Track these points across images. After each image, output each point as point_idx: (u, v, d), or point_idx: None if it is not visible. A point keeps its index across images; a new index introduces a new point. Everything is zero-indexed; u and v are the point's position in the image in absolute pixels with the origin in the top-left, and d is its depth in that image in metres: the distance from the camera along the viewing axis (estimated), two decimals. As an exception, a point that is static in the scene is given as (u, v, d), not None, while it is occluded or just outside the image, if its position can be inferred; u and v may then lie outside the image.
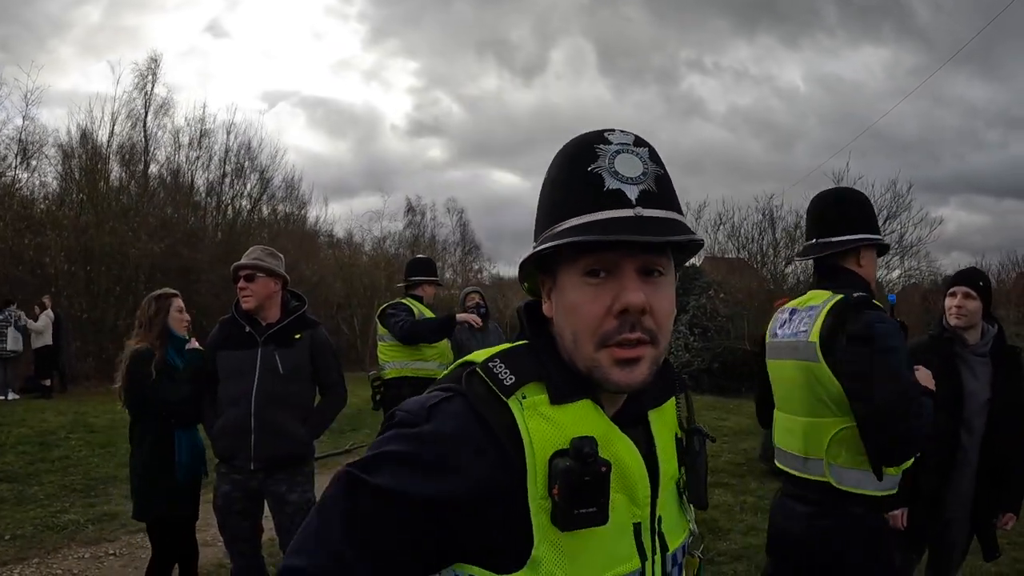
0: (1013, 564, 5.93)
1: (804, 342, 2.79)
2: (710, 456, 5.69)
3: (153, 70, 26.69)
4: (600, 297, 1.09)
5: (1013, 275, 25.08)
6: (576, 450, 1.03)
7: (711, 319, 20.98)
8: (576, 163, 1.13)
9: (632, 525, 1.13)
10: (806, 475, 2.82)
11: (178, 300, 4.45)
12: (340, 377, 4.35)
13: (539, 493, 1.05)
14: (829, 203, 2.98)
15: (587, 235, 1.05)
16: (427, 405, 1.11)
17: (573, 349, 1.12)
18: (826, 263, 2.94)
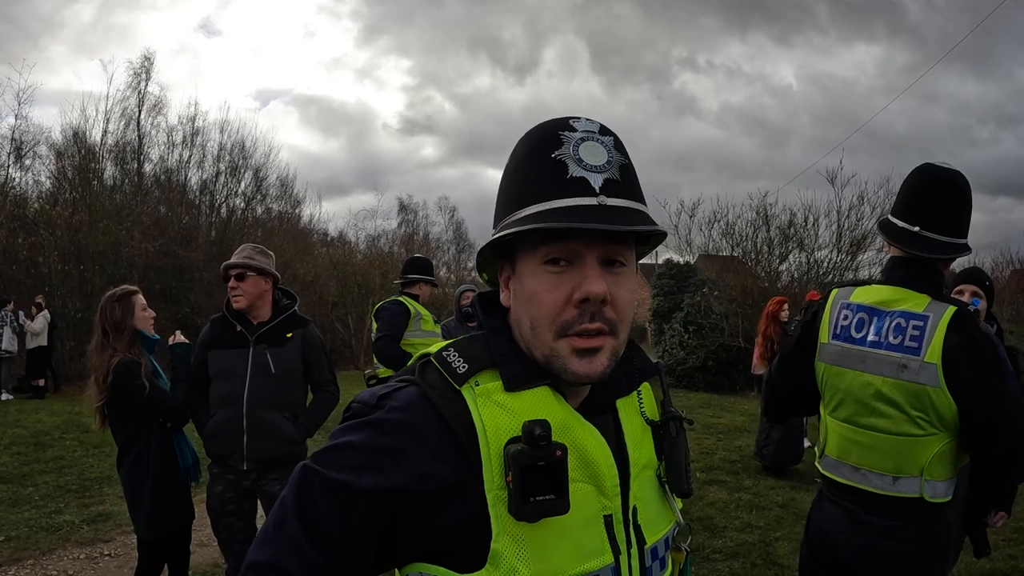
0: (1008, 560, 5.96)
1: (918, 361, 2.47)
2: (705, 454, 5.78)
3: (147, 68, 26.71)
4: (560, 286, 1.07)
5: (1007, 272, 25.15)
6: (527, 433, 1.00)
7: (705, 317, 20.97)
8: (539, 150, 1.11)
9: (602, 517, 1.10)
10: (895, 493, 2.56)
11: (140, 297, 4.22)
12: (332, 375, 4.33)
13: (495, 483, 1.03)
14: (958, 196, 2.60)
15: (548, 222, 1.04)
16: (379, 394, 1.10)
17: (531, 338, 1.11)
18: (926, 262, 2.58)
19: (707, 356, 20.40)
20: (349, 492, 1.02)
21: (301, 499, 1.04)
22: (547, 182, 1.08)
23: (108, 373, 3.91)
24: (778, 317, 8.69)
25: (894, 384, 2.52)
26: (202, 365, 4.12)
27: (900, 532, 2.56)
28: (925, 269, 2.57)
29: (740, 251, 21.86)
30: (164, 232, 23.66)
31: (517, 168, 1.14)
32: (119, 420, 4.06)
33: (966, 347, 2.38)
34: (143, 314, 4.16)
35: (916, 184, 2.65)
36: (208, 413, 4.06)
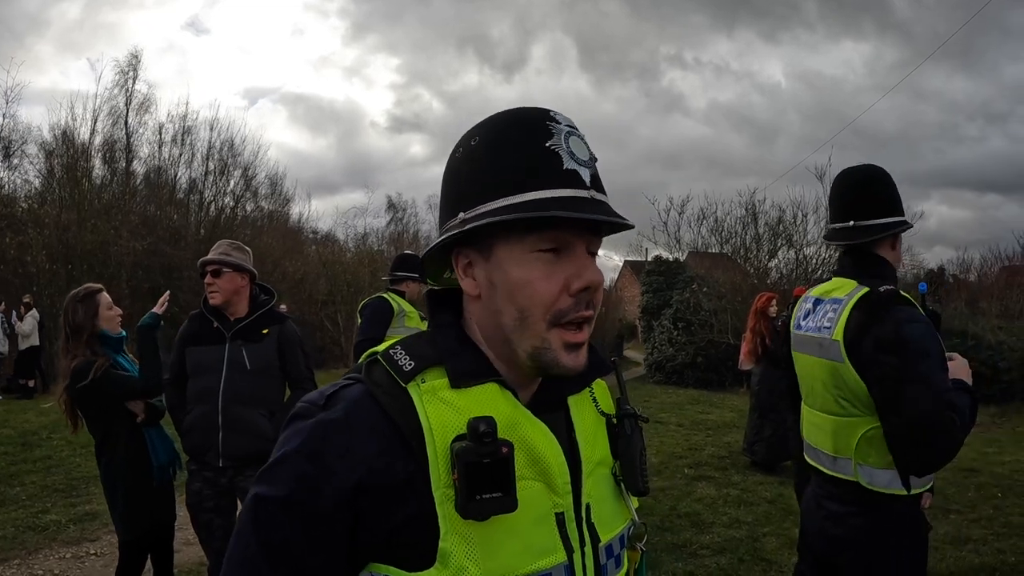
0: (997, 555, 6.00)
1: (828, 340, 2.66)
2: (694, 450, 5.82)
3: (134, 66, 26.57)
4: (555, 275, 1.07)
5: (995, 269, 25.26)
6: (472, 430, 0.99)
7: (694, 313, 21.06)
8: (531, 136, 1.09)
9: (554, 515, 1.08)
10: (836, 474, 2.70)
11: (105, 296, 4.17)
12: (309, 372, 4.30)
13: (442, 481, 1.01)
14: (864, 182, 2.77)
15: (553, 210, 1.03)
16: (326, 394, 1.09)
17: (517, 329, 1.09)
18: (861, 248, 2.75)
19: (696, 352, 20.50)
20: (307, 505, 1.00)
21: (260, 529, 1.02)
22: (543, 171, 1.06)
23: (67, 377, 3.92)
24: (767, 313, 8.69)
25: (820, 364, 2.70)
26: (180, 361, 4.10)
27: (850, 520, 2.66)
28: (861, 258, 2.74)
29: (729, 248, 21.95)
30: (152, 231, 23.59)
31: (503, 152, 1.09)
32: (90, 420, 4.06)
33: (866, 324, 2.51)
34: (108, 313, 4.12)
35: (839, 188, 2.84)
36: (185, 410, 4.05)
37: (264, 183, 30.38)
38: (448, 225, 1.13)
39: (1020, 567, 5.72)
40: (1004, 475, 8.87)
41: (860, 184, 2.76)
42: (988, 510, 7.33)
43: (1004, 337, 15.46)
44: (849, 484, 2.65)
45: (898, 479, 2.57)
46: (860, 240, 2.70)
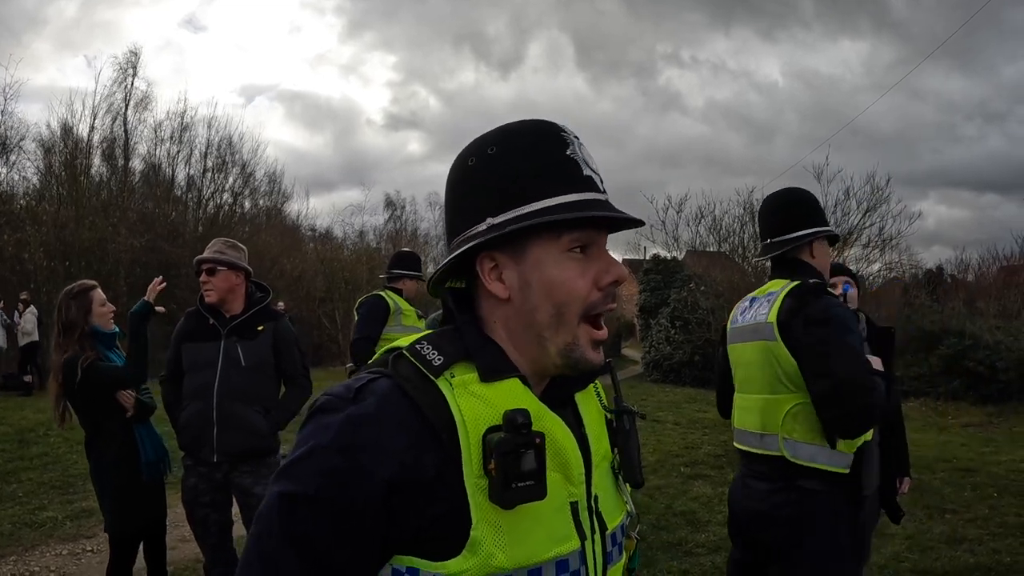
0: (992, 555, 5.98)
1: (763, 323, 2.97)
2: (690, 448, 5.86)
3: (133, 63, 26.58)
4: (587, 272, 1.14)
5: (994, 269, 25.22)
6: (509, 422, 1.03)
7: (692, 312, 21.04)
8: (552, 146, 1.16)
9: (569, 504, 1.12)
10: (762, 451, 2.97)
11: (98, 292, 4.16)
12: (304, 369, 4.32)
13: (475, 472, 1.03)
14: (777, 205, 3.21)
15: (589, 212, 1.11)
16: (354, 387, 1.09)
17: (553, 325, 1.14)
18: (783, 258, 3.14)
19: (693, 351, 20.49)
20: (338, 502, 1.00)
21: (287, 526, 1.01)
22: (569, 178, 1.14)
23: (58, 372, 3.94)
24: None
25: (755, 346, 3.02)
26: (176, 358, 4.13)
27: (773, 496, 2.92)
28: (786, 265, 3.12)
29: (727, 247, 22.00)
30: (151, 228, 23.63)
31: (529, 161, 1.15)
32: (80, 415, 4.08)
33: (796, 307, 2.85)
34: (101, 309, 4.12)
35: (760, 213, 3.33)
36: (181, 407, 4.07)
37: (263, 180, 30.39)
38: (470, 232, 1.15)
39: (1015, 567, 5.71)
40: (1000, 475, 8.84)
41: (771, 209, 3.22)
42: (984, 510, 7.30)
43: (1002, 337, 15.42)
44: (774, 460, 2.91)
45: (820, 453, 2.83)
46: (776, 252, 3.12)
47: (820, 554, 2.84)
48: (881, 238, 19.80)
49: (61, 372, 3.93)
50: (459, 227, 1.18)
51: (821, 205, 3.26)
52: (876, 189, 19.40)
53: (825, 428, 2.81)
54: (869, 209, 19.37)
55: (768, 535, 2.94)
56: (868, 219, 19.48)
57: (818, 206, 3.20)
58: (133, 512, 4.09)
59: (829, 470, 2.84)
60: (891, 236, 19.84)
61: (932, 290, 21.10)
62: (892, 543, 6.04)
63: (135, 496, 4.06)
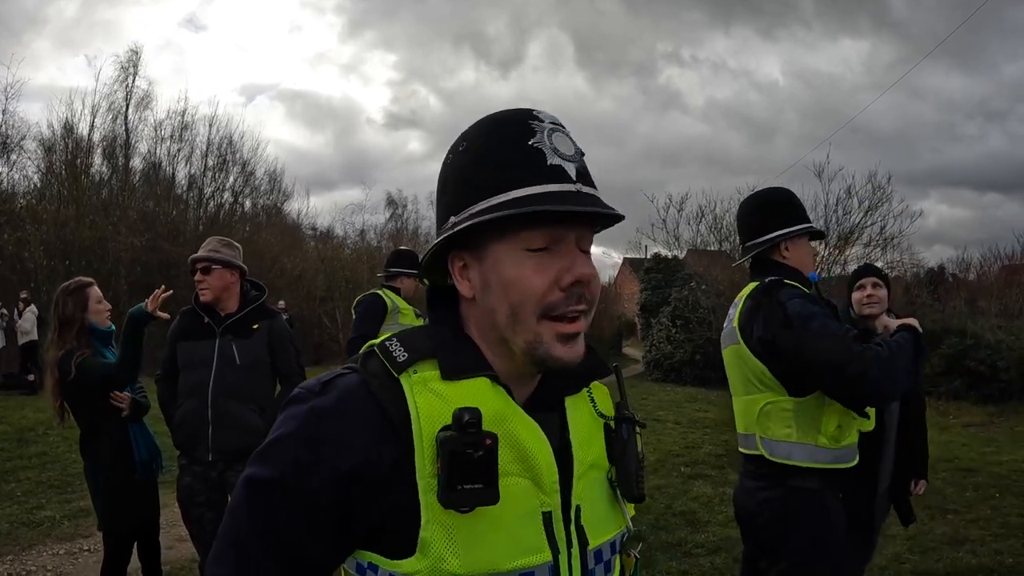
0: (994, 556, 5.95)
1: (731, 328, 3.09)
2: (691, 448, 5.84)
3: (134, 62, 26.59)
4: (545, 270, 1.08)
5: (995, 268, 25.19)
6: (456, 420, 1.00)
7: (693, 311, 21.03)
8: (513, 137, 1.10)
9: (541, 514, 1.08)
10: (747, 450, 3.08)
11: (95, 289, 4.16)
12: (299, 367, 4.28)
13: (427, 470, 1.02)
14: (746, 211, 3.31)
15: (545, 204, 1.04)
16: (322, 380, 1.10)
17: (510, 325, 1.10)
18: (758, 259, 3.20)
19: (694, 350, 20.47)
20: (300, 489, 1.01)
21: (253, 510, 1.04)
22: (527, 169, 1.08)
23: (54, 369, 3.94)
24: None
25: (729, 351, 3.13)
26: (171, 357, 4.11)
27: (759, 493, 3.00)
28: (760, 264, 3.19)
29: (728, 245, 21.91)
30: (151, 227, 23.64)
31: (486, 154, 1.11)
32: (76, 412, 4.07)
33: (753, 309, 2.97)
34: (98, 306, 4.12)
35: (737, 217, 3.43)
36: (176, 405, 4.05)
37: (263, 179, 30.39)
38: (441, 230, 1.15)
39: (1017, 568, 5.68)
40: (1002, 475, 8.81)
41: (742, 213, 3.33)
42: (986, 510, 7.27)
43: (1003, 336, 15.39)
44: (756, 459, 3.01)
45: (796, 450, 2.88)
46: (748, 256, 3.21)
47: (803, 551, 2.88)
48: (882, 237, 19.74)
49: (57, 368, 3.92)
50: (439, 224, 1.19)
51: (799, 201, 3.29)
52: (877, 188, 19.35)
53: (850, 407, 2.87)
54: (871, 208, 19.31)
55: (755, 528, 3.04)
56: (869, 218, 19.41)
57: (790, 206, 3.23)
58: (126, 511, 4.08)
59: (815, 467, 2.87)
60: (892, 235, 19.76)
61: (933, 289, 21.09)
62: (893, 544, 6.00)
63: (129, 495, 4.05)
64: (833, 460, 2.89)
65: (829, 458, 2.88)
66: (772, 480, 2.95)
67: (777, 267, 3.11)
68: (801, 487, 2.89)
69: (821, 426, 2.88)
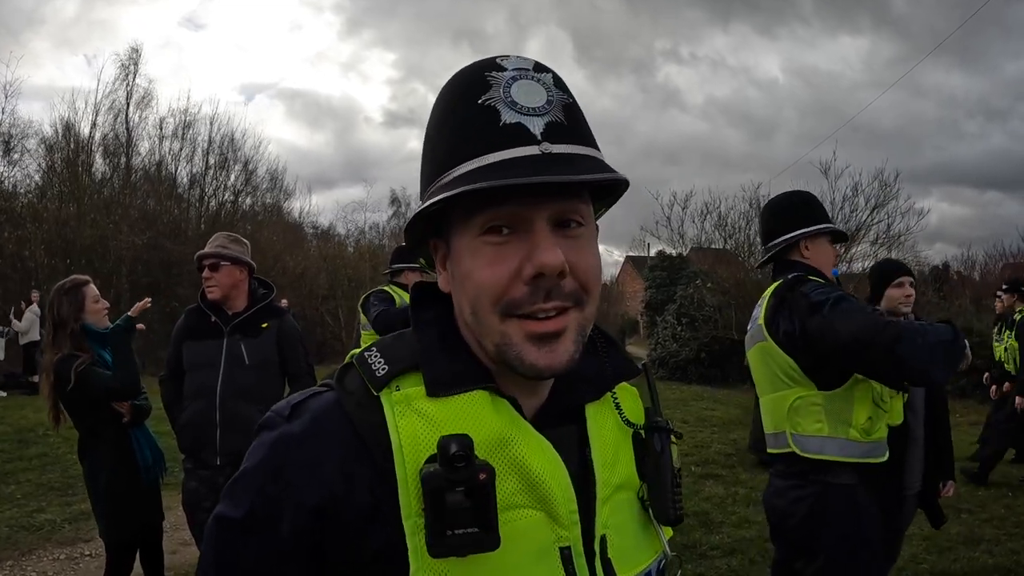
0: (1011, 555, 5.91)
1: (757, 326, 3.10)
2: (700, 447, 5.74)
3: (135, 60, 26.56)
4: (504, 259, 0.88)
5: (999, 266, 25.17)
6: (442, 451, 0.81)
7: (698, 309, 20.99)
8: (464, 97, 0.91)
9: (558, 550, 0.91)
10: (776, 449, 3.06)
11: (91, 288, 4.02)
12: (309, 367, 4.20)
13: (413, 509, 0.85)
14: (767, 213, 3.36)
15: (478, 181, 0.83)
16: (292, 403, 0.95)
17: (475, 325, 0.92)
18: (778, 260, 3.26)
19: (700, 348, 20.43)
20: (266, 527, 0.88)
21: (219, 552, 0.92)
22: (476, 134, 0.88)
23: (50, 372, 3.81)
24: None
25: (756, 349, 3.14)
26: (177, 357, 4.00)
27: (790, 492, 3.00)
28: (782, 264, 3.24)
29: (733, 243, 21.82)
30: (152, 225, 23.63)
31: (439, 124, 0.95)
32: (75, 417, 3.95)
33: (778, 306, 2.99)
34: (95, 306, 4.00)
35: (758, 223, 3.48)
36: (182, 406, 3.94)
37: (264, 177, 30.37)
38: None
39: (1035, 568, 5.60)
40: (1013, 474, 8.78)
41: (763, 216, 3.38)
42: (999, 509, 7.25)
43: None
44: (787, 457, 3.00)
45: (828, 444, 2.87)
46: (767, 257, 3.30)
47: (836, 547, 2.86)
48: (888, 235, 19.64)
49: (53, 372, 3.79)
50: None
51: (819, 203, 3.32)
52: (884, 185, 19.25)
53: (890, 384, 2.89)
54: (877, 206, 19.22)
55: (789, 529, 3.01)
56: (876, 216, 19.32)
57: (809, 207, 3.26)
58: (129, 518, 3.97)
59: (847, 461, 2.86)
60: (899, 233, 19.67)
61: (939, 287, 21.02)
62: (910, 544, 5.92)
63: (131, 501, 3.94)
64: (864, 454, 2.88)
65: (860, 452, 2.87)
66: (804, 477, 2.94)
67: (797, 267, 3.14)
68: (834, 483, 2.87)
69: (852, 419, 2.88)
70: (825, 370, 2.87)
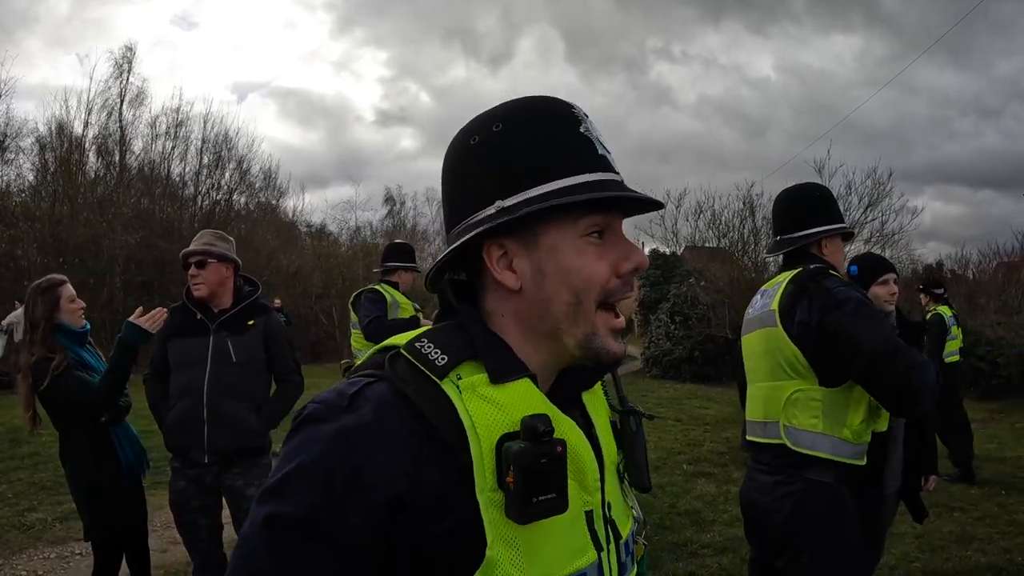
0: (1003, 554, 5.91)
1: (768, 311, 3.04)
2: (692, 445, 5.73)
3: (128, 59, 26.53)
4: (605, 256, 1.05)
5: (993, 265, 25.20)
6: (530, 430, 0.92)
7: (692, 307, 20.97)
8: (565, 122, 1.07)
9: (584, 514, 1.03)
10: (766, 439, 3.03)
11: (67, 288, 3.97)
12: (296, 365, 4.19)
13: (488, 484, 0.93)
14: (787, 203, 3.29)
15: (611, 191, 1.03)
16: (348, 393, 0.97)
17: (570, 315, 1.05)
18: (793, 254, 3.21)
19: (693, 347, 20.41)
20: (334, 525, 0.89)
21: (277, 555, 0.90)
22: (582, 156, 1.05)
23: (27, 373, 3.78)
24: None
25: (760, 334, 3.09)
26: (162, 355, 3.97)
27: (776, 489, 2.96)
28: (794, 257, 3.20)
29: (727, 242, 21.83)
30: (146, 224, 23.60)
31: (540, 138, 1.05)
32: (52, 416, 3.92)
33: (797, 294, 2.94)
34: (70, 305, 3.95)
35: (773, 209, 3.39)
36: (168, 404, 3.91)
37: (258, 176, 30.35)
38: (476, 217, 1.05)
39: (1028, 567, 5.62)
40: (1006, 472, 8.79)
41: (782, 206, 3.30)
42: (992, 508, 7.24)
43: (1003, 333, 15.43)
44: (777, 449, 2.95)
45: (820, 441, 2.86)
46: (787, 249, 3.22)
47: (820, 545, 2.85)
48: (882, 234, 19.67)
49: (30, 373, 3.76)
50: (463, 212, 1.08)
51: (835, 200, 3.32)
52: (878, 184, 19.28)
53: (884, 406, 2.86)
54: (871, 204, 19.25)
55: (772, 526, 2.97)
56: (870, 214, 19.35)
57: (830, 203, 3.27)
58: (112, 517, 3.93)
59: (833, 459, 2.86)
60: (893, 231, 19.70)
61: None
62: (902, 543, 5.95)
63: (114, 500, 3.91)
64: (852, 455, 2.88)
65: (849, 453, 2.88)
66: (790, 473, 2.92)
67: (813, 261, 3.11)
68: (819, 480, 2.87)
69: (847, 419, 2.88)
70: (829, 367, 2.86)
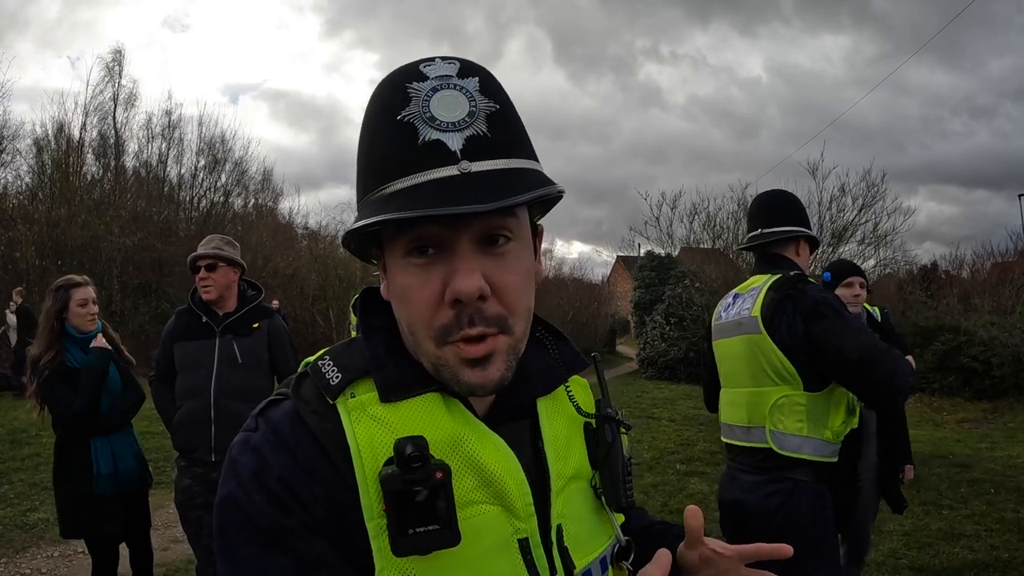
0: (990, 551, 5.98)
1: (747, 317, 3.05)
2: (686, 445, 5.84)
3: (119, 62, 26.51)
4: (430, 281, 0.89)
5: (987, 265, 25.20)
6: (398, 454, 0.83)
7: (687, 308, 21.04)
8: (383, 113, 0.90)
9: (516, 542, 0.93)
10: (750, 443, 3.05)
11: (82, 290, 4.04)
12: (298, 366, 4.24)
13: (375, 511, 0.87)
14: (770, 201, 3.33)
15: (395, 207, 0.84)
16: (255, 414, 0.97)
17: (413, 344, 0.95)
18: (767, 252, 3.25)
19: (688, 348, 20.52)
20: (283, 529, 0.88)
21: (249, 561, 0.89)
22: (395, 154, 0.87)
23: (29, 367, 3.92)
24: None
25: (739, 340, 3.10)
26: (167, 357, 4.07)
27: (759, 489, 2.99)
28: (772, 257, 3.22)
29: (721, 243, 21.89)
30: (143, 226, 23.53)
31: (363, 141, 0.94)
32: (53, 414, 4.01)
33: (781, 300, 2.95)
34: (79, 309, 4.02)
35: (752, 207, 3.41)
36: (175, 406, 4.01)
37: (255, 177, 30.33)
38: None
39: (1013, 563, 5.69)
40: (996, 471, 8.85)
41: (766, 202, 3.33)
42: (981, 506, 7.31)
43: (996, 333, 15.39)
44: (760, 452, 3.00)
45: (807, 444, 2.90)
46: (760, 243, 3.23)
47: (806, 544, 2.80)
48: (876, 235, 19.72)
49: (30, 367, 3.90)
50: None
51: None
52: (871, 185, 19.33)
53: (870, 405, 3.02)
54: (864, 205, 19.29)
55: (755, 526, 2.99)
56: (863, 215, 19.39)
57: (805, 211, 3.34)
58: (77, 521, 3.99)
59: (816, 460, 2.91)
60: (886, 233, 19.74)
61: (927, 286, 21.09)
62: (890, 539, 6.03)
63: (82, 508, 3.95)
64: (831, 454, 2.95)
65: (828, 452, 2.94)
66: (773, 474, 2.97)
67: (787, 263, 3.16)
68: (802, 480, 2.92)
69: (828, 421, 2.94)
70: (813, 372, 2.90)
